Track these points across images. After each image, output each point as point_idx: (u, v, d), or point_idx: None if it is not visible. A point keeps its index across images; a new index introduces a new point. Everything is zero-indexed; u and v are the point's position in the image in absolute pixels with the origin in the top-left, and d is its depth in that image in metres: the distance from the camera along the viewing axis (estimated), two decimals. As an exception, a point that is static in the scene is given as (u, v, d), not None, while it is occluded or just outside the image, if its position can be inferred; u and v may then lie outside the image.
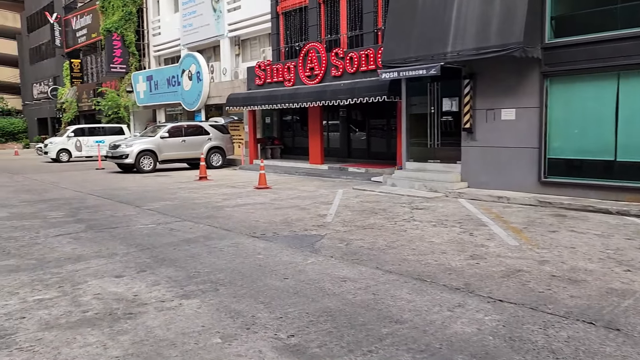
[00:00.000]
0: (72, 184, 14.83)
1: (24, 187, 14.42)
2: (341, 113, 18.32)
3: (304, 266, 5.73)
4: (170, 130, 18.76)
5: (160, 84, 25.52)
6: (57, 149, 25.27)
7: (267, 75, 18.72)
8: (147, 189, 13.30)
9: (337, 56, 15.88)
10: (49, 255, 6.41)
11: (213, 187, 13.49)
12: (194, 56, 22.93)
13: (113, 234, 7.66)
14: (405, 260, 5.91)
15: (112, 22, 28.46)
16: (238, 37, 22.95)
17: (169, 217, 9.12)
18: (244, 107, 18.91)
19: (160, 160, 18.49)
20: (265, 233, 7.56)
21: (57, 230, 8.02)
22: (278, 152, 20.64)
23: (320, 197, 11.21)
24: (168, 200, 11.27)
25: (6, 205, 10.82)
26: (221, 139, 19.82)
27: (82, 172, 19.30)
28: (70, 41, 36.48)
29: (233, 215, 9.17)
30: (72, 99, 35.29)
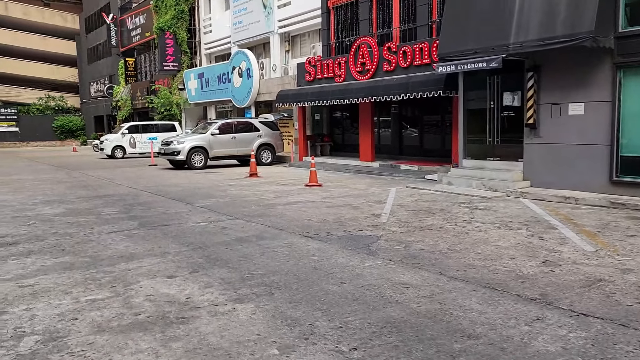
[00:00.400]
0: (126, 181, 15.04)
1: (80, 183, 14.73)
2: (393, 109, 17.87)
3: (361, 270, 5.41)
4: (221, 127, 18.81)
5: (211, 81, 25.73)
6: (112, 146, 25.91)
7: (317, 71, 18.47)
8: (198, 186, 13.30)
9: (390, 50, 15.44)
10: (102, 253, 6.35)
11: (263, 185, 13.35)
12: (244, 53, 22.97)
13: (165, 232, 7.57)
14: (471, 265, 5.49)
15: (165, 21, 28.93)
16: (288, 33, 22.81)
17: (221, 214, 8.99)
18: (293, 103, 18.73)
19: (211, 157, 18.57)
20: (319, 233, 7.28)
21: (111, 227, 8.01)
22: (327, 149, 20.37)
23: (372, 196, 10.86)
24: (219, 197, 11.18)
25: (63, 201, 11.00)
26: (271, 136, 19.73)
27: (135, 168, 19.65)
28: (125, 41, 37.41)
29: (285, 213, 8.95)
30: (126, 97, 36.22)
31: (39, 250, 6.60)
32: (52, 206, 10.35)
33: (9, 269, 5.73)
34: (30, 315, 4.30)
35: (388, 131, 18.43)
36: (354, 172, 15.86)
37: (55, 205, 10.49)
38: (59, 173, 18.12)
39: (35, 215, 9.33)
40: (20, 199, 11.57)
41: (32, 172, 18.98)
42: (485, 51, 10.65)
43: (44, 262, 6.01)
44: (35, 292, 4.91)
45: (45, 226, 8.22)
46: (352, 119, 20.28)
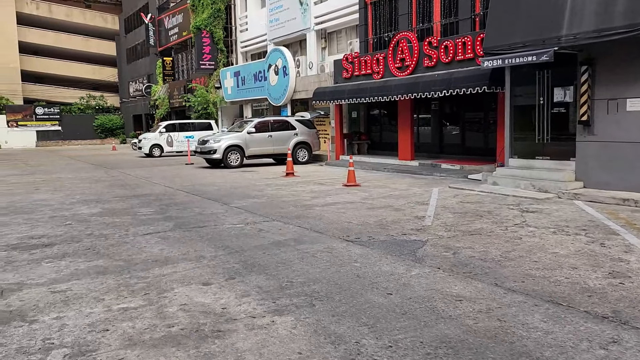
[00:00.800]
0: (162, 179, 15.00)
1: (118, 182, 14.76)
2: (433, 106, 17.32)
3: (408, 279, 5.02)
4: (257, 126, 18.63)
5: (247, 79, 25.64)
6: (149, 145, 26.13)
7: (354, 68, 18.06)
8: (234, 185, 13.11)
9: (431, 45, 14.91)
10: (136, 257, 6.15)
11: (300, 184, 13.05)
12: (280, 50, 22.75)
13: (201, 234, 7.34)
14: (529, 275, 5.03)
15: (202, 20, 29.01)
16: (324, 29, 22.47)
17: (257, 216, 8.73)
18: (330, 101, 18.39)
19: (247, 156, 18.42)
20: (360, 237, 6.91)
21: (146, 229, 7.84)
22: (365, 148, 19.95)
23: (414, 197, 10.41)
24: (255, 197, 10.94)
25: (100, 201, 10.96)
26: (307, 134, 19.44)
27: (172, 167, 19.68)
28: (163, 40, 37.79)
29: (323, 215, 8.61)
30: (164, 95, 36.59)
31: (73, 252, 6.45)
32: (89, 206, 10.31)
33: (42, 273, 5.57)
34: (60, 324, 4.09)
35: (428, 129, 17.89)
36: (393, 172, 15.40)
37: (92, 204, 10.44)
38: (98, 172, 18.29)
39: (72, 215, 9.27)
40: (58, 198, 11.60)
41: (72, 170, 19.23)
42: (535, 44, 10.05)
43: (78, 265, 5.84)
44: (67, 298, 4.72)
45: (81, 227, 8.12)
46: (390, 117, 19.81)
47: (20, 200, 11.43)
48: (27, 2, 50.67)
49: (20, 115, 47.00)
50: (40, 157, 30.18)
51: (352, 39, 20.87)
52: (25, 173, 18.63)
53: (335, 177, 14.44)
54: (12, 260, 6.15)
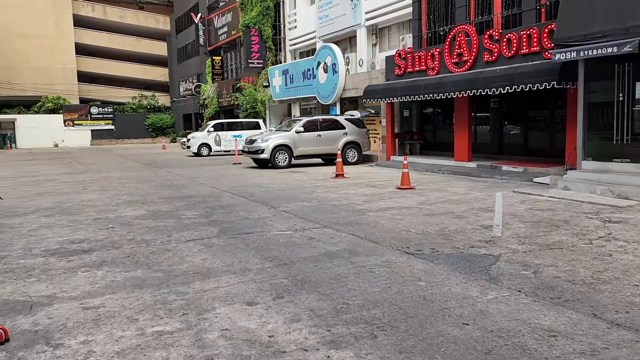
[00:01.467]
0: (209, 180, 14.67)
1: (165, 182, 14.52)
2: (492, 103, 16.28)
3: (485, 304, 4.28)
4: (306, 125, 18.09)
5: (296, 77, 25.18)
6: (198, 144, 26.08)
7: (407, 64, 17.24)
8: (282, 187, 12.59)
9: (492, 39, 13.93)
10: (177, 268, 5.65)
11: (351, 186, 12.39)
12: (330, 47, 22.14)
13: (246, 242, 6.80)
14: (633, 304, 4.19)
15: (251, 18, 28.78)
16: (375, 25, 21.72)
17: (307, 221, 8.13)
18: (382, 99, 17.63)
19: (295, 156, 17.91)
20: (422, 248, 6.19)
21: (190, 234, 7.37)
22: (417, 148, 19.09)
23: (476, 202, 9.56)
24: (304, 200, 10.35)
25: (146, 202, 10.64)
26: (357, 134, 18.75)
27: (220, 166, 19.40)
28: (213, 39, 37.91)
29: (378, 222, 7.92)
30: (213, 94, 36.70)
31: (112, 260, 6.02)
32: (133, 207, 9.99)
33: (77, 284, 5.15)
34: (86, 351, 3.59)
35: (486, 128, 16.87)
36: (449, 174, 14.51)
37: (137, 206, 10.13)
38: (146, 171, 18.20)
39: (115, 217, 8.94)
40: (105, 198, 11.38)
41: (121, 169, 19.26)
42: (616, 34, 9.02)
43: (115, 276, 5.39)
44: (98, 317, 4.23)
45: (123, 231, 7.74)
46: (444, 115, 18.88)
47: (67, 200, 11.28)
48: (83, 5, 52.15)
49: (76, 115, 48.38)
50: (93, 155, 30.75)
51: (404, 35, 20.03)
52: (76, 172, 18.78)
53: (388, 179, 13.71)
54: (49, 268, 5.78)
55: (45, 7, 49.00)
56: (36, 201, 11.24)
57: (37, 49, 48.55)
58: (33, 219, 9.05)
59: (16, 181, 15.95)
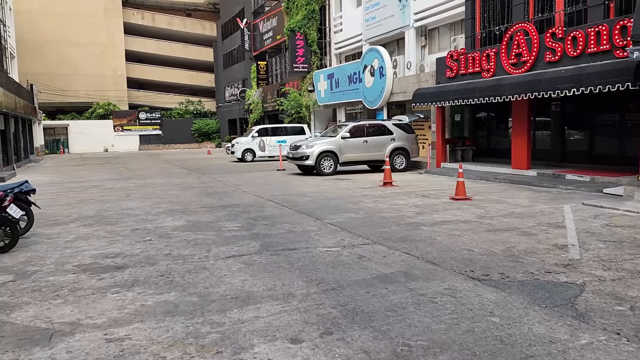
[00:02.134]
0: (253, 187, 14.21)
1: (207, 189, 14.15)
2: (553, 107, 15.19)
3: (578, 351, 3.51)
4: (352, 130, 17.43)
5: (341, 81, 24.56)
6: (242, 149, 25.83)
7: (460, 66, 16.34)
8: (328, 196, 11.97)
9: (554, 37, 12.92)
10: (214, 290, 5.09)
11: (401, 196, 11.64)
12: (377, 50, 21.42)
13: (290, 260, 6.19)
14: None
15: (296, 22, 28.40)
16: (425, 26, 20.87)
17: (355, 236, 7.46)
18: (432, 103, 16.78)
19: (340, 162, 17.27)
20: (489, 273, 5.42)
21: (229, 249, 6.83)
22: (470, 154, 18.10)
23: (542, 216, 8.66)
24: (352, 211, 9.69)
25: (187, 211, 10.23)
26: (405, 139, 17.95)
27: (263, 173, 18.98)
28: (258, 44, 37.85)
29: (434, 238, 7.17)
30: (257, 99, 36.57)
31: (144, 280, 5.54)
32: (174, 217, 9.58)
33: (104, 308, 4.66)
34: (102, 401, 3.04)
35: (545, 133, 15.77)
36: (506, 182, 13.54)
37: (177, 216, 9.71)
38: (190, 177, 17.96)
39: (154, 228, 8.53)
40: (146, 206, 11.06)
41: (165, 175, 19.11)
42: None
43: (146, 299, 4.88)
44: (121, 353, 3.70)
45: (160, 244, 7.29)
46: (498, 120, 17.86)
47: (108, 208, 11.02)
48: (133, 13, 53.32)
49: (125, 120, 49.40)
50: (139, 160, 31.05)
51: (455, 35, 19.12)
52: (121, 178, 18.75)
53: (440, 188, 12.88)
54: (78, 287, 5.33)
55: (96, 15, 50.35)
56: (78, 209, 11.03)
57: (89, 56, 49.92)
58: (72, 228, 8.76)
59: (63, 187, 15.97)
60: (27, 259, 6.67)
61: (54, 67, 48.17)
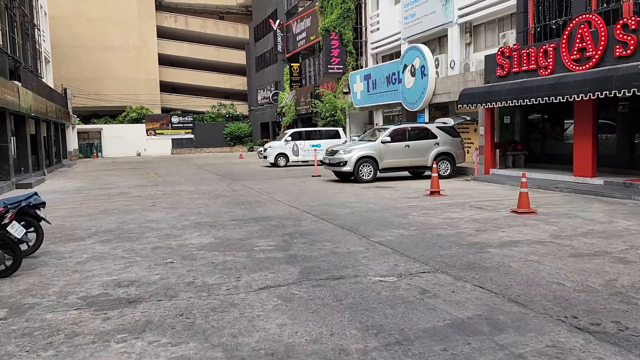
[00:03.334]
0: (287, 196, 13.14)
1: (238, 198, 13.14)
2: (620, 107, 13.66)
3: None
4: (392, 134, 16.20)
5: (379, 82, 23.31)
6: (275, 154, 24.87)
7: (512, 64, 14.94)
8: (370, 207, 10.79)
9: (626, 29, 11.45)
10: (244, 341, 3.99)
11: (453, 208, 10.37)
12: (418, 48, 20.11)
13: (337, 294, 5.06)
14: None
15: (331, 21, 27.31)
16: (470, 22, 19.50)
17: (411, 260, 6.28)
18: (481, 104, 15.41)
19: (380, 168, 16.05)
20: (599, 321, 4.17)
21: (263, 277, 5.73)
22: (521, 160, 16.63)
23: (630, 236, 7.30)
24: (401, 227, 8.49)
25: (215, 225, 9.21)
26: (450, 144, 16.63)
27: (298, 179, 17.91)
28: (291, 46, 36.95)
29: (509, 265, 5.93)
30: (290, 102, 35.62)
31: (159, 321, 4.48)
32: (200, 232, 8.57)
33: (103, 367, 3.61)
34: None
35: (611, 137, 14.23)
36: (569, 192, 12.11)
37: (204, 231, 8.69)
38: (220, 184, 17.02)
39: (178, 246, 7.52)
40: (171, 218, 10.09)
41: (195, 182, 18.24)
42: None
43: (158, 353, 3.81)
44: None
45: (183, 269, 6.25)
46: (553, 122, 16.40)
47: (131, 220, 10.10)
48: (166, 16, 53.20)
49: (158, 124, 49.21)
50: (171, 165, 30.45)
51: (505, 31, 17.68)
52: (150, 184, 17.97)
53: (495, 199, 11.56)
54: (77, 332, 4.31)
55: (130, 19, 50.37)
56: (99, 220, 10.15)
57: (122, 60, 49.96)
58: (87, 245, 7.83)
59: (89, 194, 15.23)
60: (28, 286, 5.72)
61: (88, 72, 48.35)
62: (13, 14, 22.25)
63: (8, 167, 17.81)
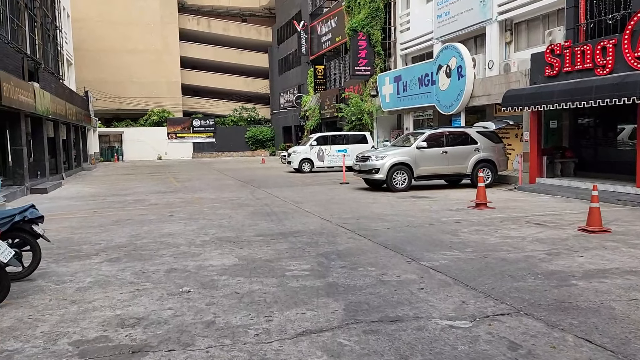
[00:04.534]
0: (316, 206, 12.00)
1: (263, 208, 12.04)
2: (690, 111, 12.21)
3: None
4: (429, 139, 14.95)
5: (410, 84, 22.05)
6: (299, 159, 23.76)
7: (564, 63, 13.59)
8: (411, 221, 9.58)
9: None
10: None
11: (507, 223, 9.10)
12: (454, 47, 18.82)
13: (399, 348, 3.87)
14: None
15: (358, 21, 26.14)
16: (510, 19, 18.17)
17: (480, 295, 5.07)
18: (529, 106, 14.07)
19: (415, 176, 14.81)
20: None
21: (300, 317, 4.58)
22: (571, 168, 15.23)
23: None
24: (453, 247, 7.27)
25: (238, 241, 8.10)
26: (491, 150, 15.31)
27: (325, 187, 16.75)
28: (315, 48, 35.90)
29: (609, 305, 4.68)
30: (314, 106, 34.52)
31: (168, 387, 3.36)
32: (222, 250, 7.46)
33: None
34: None
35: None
36: (634, 205, 10.74)
37: (227, 248, 7.59)
38: (243, 192, 15.95)
39: (196, 269, 6.42)
40: (190, 232, 9.02)
41: (217, 188, 17.22)
42: None
43: None
44: None
45: (201, 300, 5.14)
46: (605, 126, 14.97)
47: (146, 233, 9.06)
48: (189, 19, 52.69)
49: (179, 128, 48.58)
50: (191, 170, 29.57)
51: (551, 28, 16.32)
52: (169, 190, 16.99)
53: (551, 213, 10.25)
54: (59, 400, 3.21)
55: (153, 22, 49.93)
56: (110, 233, 9.13)
57: (145, 63, 49.52)
58: (93, 265, 6.78)
59: (104, 202, 14.30)
60: (13, 322, 4.67)
61: (110, 74, 48.00)
62: (34, 14, 21.56)
63: (22, 171, 17.01)
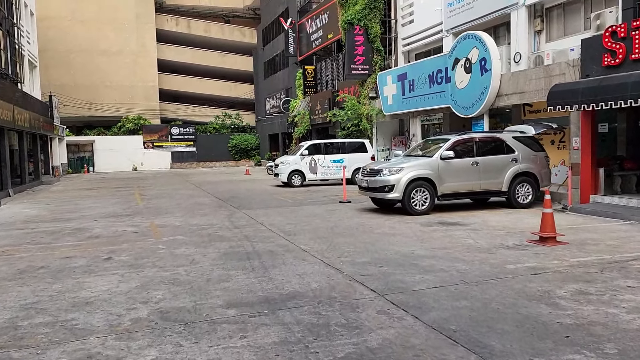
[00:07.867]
0: (315, 240, 8.68)
1: (242, 244, 8.68)
2: None
3: None
4: (455, 147, 11.76)
5: (418, 83, 18.87)
6: (288, 171, 20.42)
7: (629, 49, 10.51)
8: (461, 269, 6.31)
9: None
10: None
11: (611, 273, 5.87)
12: (476, 37, 15.64)
13: None
14: None
15: (354, 13, 22.97)
16: (541, 4, 15.12)
17: None
18: (588, 104, 10.93)
19: (440, 195, 11.57)
20: None
21: None
22: (633, 183, 12.12)
23: None
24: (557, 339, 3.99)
25: (194, 321, 4.75)
26: (532, 160, 12.18)
27: (323, 208, 13.42)
28: (304, 47, 32.73)
29: None
30: (304, 110, 31.25)
31: None
32: (163, 349, 4.10)
33: None
34: None
35: None
36: None
37: (171, 343, 4.22)
38: (218, 215, 12.57)
39: None
40: (122, 295, 5.66)
41: (187, 210, 13.81)
42: None
43: None
44: None
45: None
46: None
47: (50, 300, 5.67)
48: (167, 19, 49.20)
49: (156, 136, 44.96)
50: (164, 183, 26.06)
51: (598, 10, 13.24)
52: (125, 213, 13.54)
53: None
54: None
55: (127, 21, 46.34)
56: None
57: (119, 66, 45.85)
58: None
59: (32, 232, 10.84)
60: None
61: (80, 78, 44.30)
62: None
63: (-60, 190, 13.47)
